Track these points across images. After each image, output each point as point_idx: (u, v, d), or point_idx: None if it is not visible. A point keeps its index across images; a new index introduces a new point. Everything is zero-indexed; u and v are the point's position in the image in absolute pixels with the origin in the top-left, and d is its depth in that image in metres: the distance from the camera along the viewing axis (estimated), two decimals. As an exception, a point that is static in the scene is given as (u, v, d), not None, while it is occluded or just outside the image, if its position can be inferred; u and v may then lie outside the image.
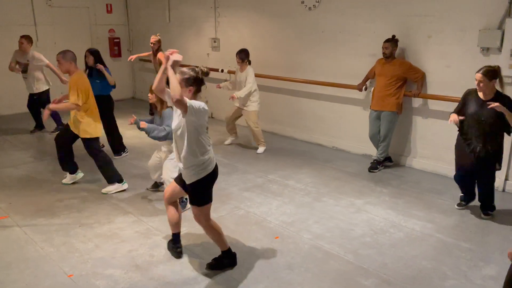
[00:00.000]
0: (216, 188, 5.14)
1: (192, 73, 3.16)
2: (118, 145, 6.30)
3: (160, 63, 7.88)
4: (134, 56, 7.87)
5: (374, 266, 3.59)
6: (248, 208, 4.66)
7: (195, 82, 3.17)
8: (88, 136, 4.84)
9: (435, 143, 5.67)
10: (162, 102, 4.41)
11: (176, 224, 3.69)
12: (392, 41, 5.47)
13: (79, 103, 4.66)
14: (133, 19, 10.37)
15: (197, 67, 3.25)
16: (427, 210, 4.64)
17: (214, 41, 8.31)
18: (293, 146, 6.98)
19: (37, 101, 7.31)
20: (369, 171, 5.78)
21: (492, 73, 4.00)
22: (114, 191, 4.98)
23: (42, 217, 4.39)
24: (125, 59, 9.90)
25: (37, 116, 7.46)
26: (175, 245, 3.74)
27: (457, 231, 4.19)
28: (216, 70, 8.02)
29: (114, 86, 6.14)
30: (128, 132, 7.07)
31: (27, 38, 7.15)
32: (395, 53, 5.55)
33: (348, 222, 4.36)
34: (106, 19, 10.07)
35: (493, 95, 4.08)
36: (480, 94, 4.15)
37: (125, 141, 6.49)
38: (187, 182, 3.31)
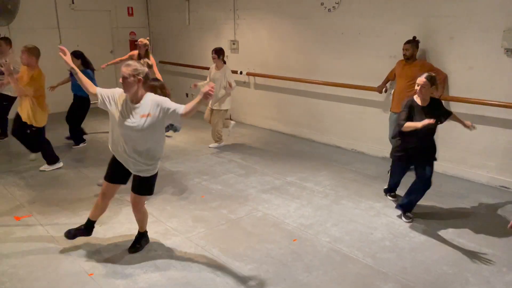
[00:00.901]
0: (234, 189, 5.21)
1: (139, 66, 3.41)
2: (78, 137, 7.00)
3: (149, 66, 7.88)
4: (104, 65, 7.57)
5: (394, 270, 3.54)
6: (266, 210, 4.66)
7: (144, 75, 3.44)
8: (35, 125, 5.52)
9: (456, 146, 5.56)
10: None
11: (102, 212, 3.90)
12: (413, 43, 5.40)
13: (29, 93, 5.29)
14: (154, 22, 10.50)
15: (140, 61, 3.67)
16: (448, 214, 4.56)
17: (233, 43, 8.35)
18: (311, 148, 6.95)
19: (6, 107, 7.10)
20: (389, 173, 5.70)
21: (433, 79, 4.14)
22: (51, 169, 5.81)
23: (64, 216, 4.47)
24: (145, 61, 10.02)
25: (2, 122, 7.29)
26: (89, 228, 3.90)
27: (480, 235, 4.11)
28: (235, 72, 8.05)
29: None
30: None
31: (5, 41, 6.83)
32: (416, 54, 5.47)
33: (367, 225, 4.32)
34: (127, 22, 10.23)
35: (430, 100, 4.21)
36: (418, 100, 4.22)
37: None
38: (144, 175, 3.55)
